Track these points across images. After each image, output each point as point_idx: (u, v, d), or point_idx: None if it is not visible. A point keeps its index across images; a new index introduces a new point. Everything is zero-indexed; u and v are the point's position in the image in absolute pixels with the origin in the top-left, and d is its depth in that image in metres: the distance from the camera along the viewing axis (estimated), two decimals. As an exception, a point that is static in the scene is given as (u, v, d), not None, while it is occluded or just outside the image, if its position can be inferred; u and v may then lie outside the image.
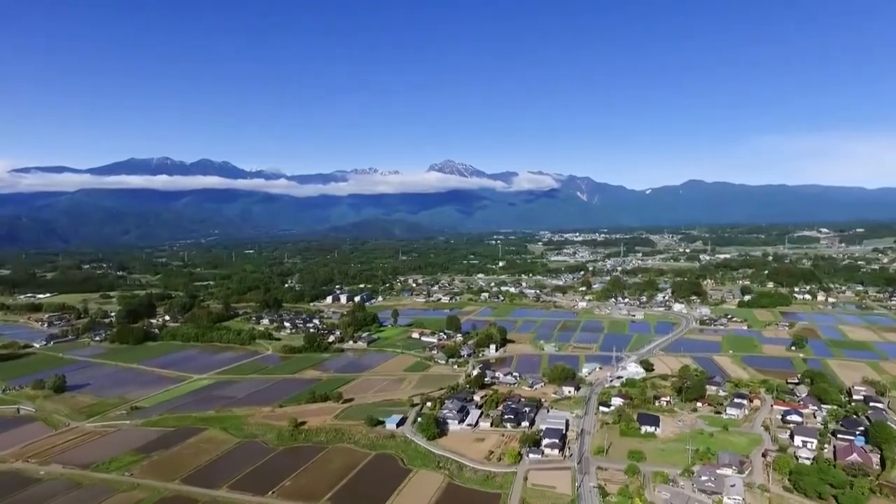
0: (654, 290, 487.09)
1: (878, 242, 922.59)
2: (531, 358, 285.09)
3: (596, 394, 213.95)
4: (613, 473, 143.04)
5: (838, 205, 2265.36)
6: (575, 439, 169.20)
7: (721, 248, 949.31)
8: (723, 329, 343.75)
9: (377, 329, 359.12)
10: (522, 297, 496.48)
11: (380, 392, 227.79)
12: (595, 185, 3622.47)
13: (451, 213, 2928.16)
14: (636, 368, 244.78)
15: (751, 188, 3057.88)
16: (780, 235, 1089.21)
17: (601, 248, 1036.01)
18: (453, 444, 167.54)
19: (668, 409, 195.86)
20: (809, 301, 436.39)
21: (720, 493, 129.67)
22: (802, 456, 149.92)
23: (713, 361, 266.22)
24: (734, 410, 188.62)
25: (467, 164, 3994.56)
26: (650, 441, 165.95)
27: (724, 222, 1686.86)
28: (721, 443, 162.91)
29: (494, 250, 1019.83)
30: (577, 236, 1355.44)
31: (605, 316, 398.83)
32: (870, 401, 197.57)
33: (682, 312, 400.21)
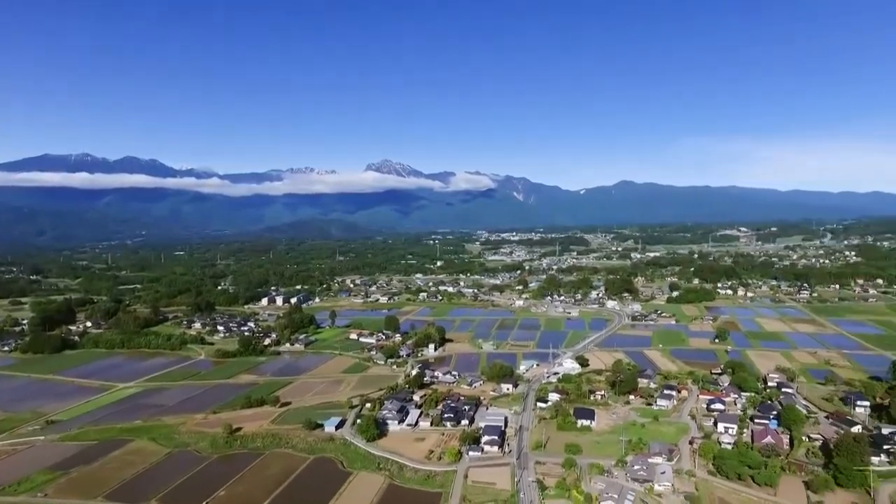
0: (588, 288, 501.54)
1: (789, 240, 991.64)
2: (470, 356, 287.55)
3: (534, 390, 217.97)
4: (551, 467, 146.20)
5: (755, 205, 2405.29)
6: (514, 435, 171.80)
7: (651, 247, 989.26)
8: (653, 324, 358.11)
9: (315, 331, 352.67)
10: (461, 297, 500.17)
11: (318, 395, 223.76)
12: (531, 186, 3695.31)
13: (389, 213, 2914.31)
14: (572, 364, 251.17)
15: (678, 189, 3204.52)
16: (705, 234, 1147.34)
17: (537, 247, 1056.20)
18: (393, 444, 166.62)
19: (602, 402, 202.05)
20: (731, 296, 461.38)
21: (651, 480, 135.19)
22: (724, 441, 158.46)
23: (644, 355, 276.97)
24: (664, 401, 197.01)
25: (405, 164, 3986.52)
26: (586, 434, 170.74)
27: (653, 222, 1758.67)
28: (652, 433, 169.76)
29: (432, 250, 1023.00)
30: (514, 236, 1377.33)
31: (542, 314, 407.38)
32: (782, 387, 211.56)
33: (614, 309, 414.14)
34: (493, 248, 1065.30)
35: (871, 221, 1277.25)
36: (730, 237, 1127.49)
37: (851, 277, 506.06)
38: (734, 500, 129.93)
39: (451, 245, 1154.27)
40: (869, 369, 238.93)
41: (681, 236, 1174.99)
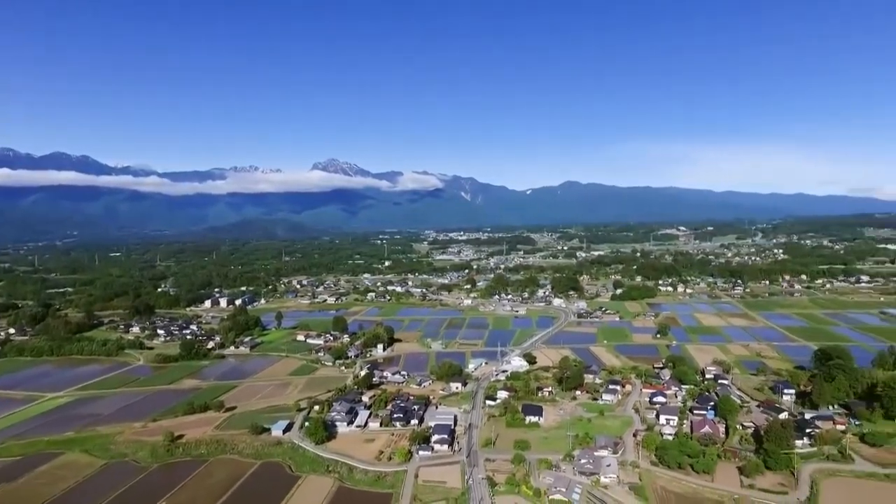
0: (535, 287, 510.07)
1: (724, 239, 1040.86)
2: (419, 356, 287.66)
3: (482, 388, 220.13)
4: (501, 464, 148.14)
5: (692, 206, 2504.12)
6: (463, 434, 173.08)
7: (595, 246, 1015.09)
8: (598, 321, 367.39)
9: (260, 333, 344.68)
10: (409, 296, 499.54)
11: (264, 398, 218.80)
12: (478, 186, 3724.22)
13: (336, 213, 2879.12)
14: (520, 362, 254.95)
15: (620, 189, 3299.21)
16: (646, 233, 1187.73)
17: (485, 246, 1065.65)
18: (343, 446, 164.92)
19: (550, 398, 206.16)
20: (671, 293, 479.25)
21: (598, 473, 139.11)
22: (666, 432, 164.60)
23: (590, 352, 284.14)
24: (609, 396, 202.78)
25: (352, 163, 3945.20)
26: (534, 430, 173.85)
27: (597, 221, 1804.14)
28: (598, 427, 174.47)
29: (380, 250, 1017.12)
30: (462, 235, 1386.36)
31: (490, 312, 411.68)
32: (718, 379, 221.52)
33: (561, 307, 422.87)
34: (441, 248, 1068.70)
35: (795, 221, 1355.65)
36: (670, 236, 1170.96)
37: (779, 274, 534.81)
38: (675, 487, 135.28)
39: (399, 245, 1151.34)
40: (795, 359, 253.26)
41: (624, 235, 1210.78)
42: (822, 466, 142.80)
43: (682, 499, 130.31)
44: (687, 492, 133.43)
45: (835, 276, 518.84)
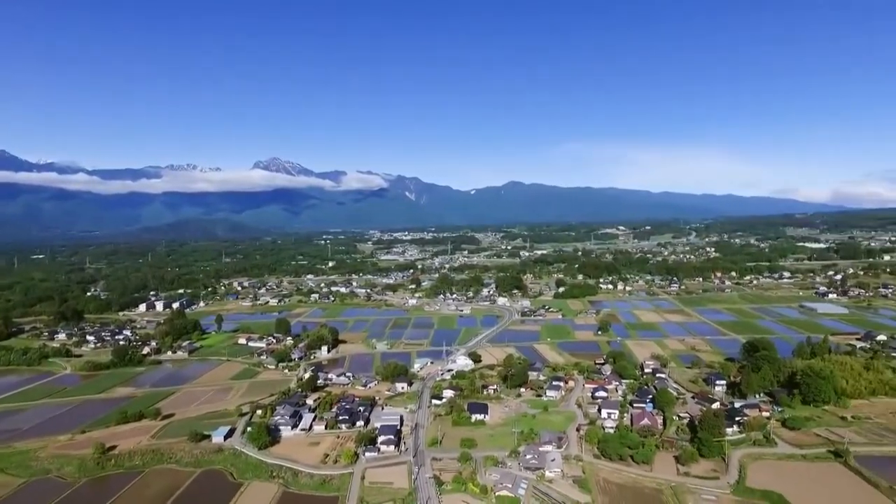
0: (479, 286, 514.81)
1: (661, 238, 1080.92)
2: (364, 357, 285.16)
3: (428, 388, 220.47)
4: (448, 462, 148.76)
5: (631, 206, 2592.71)
6: (410, 434, 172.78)
7: (538, 245, 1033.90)
8: (541, 319, 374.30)
9: (199, 336, 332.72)
10: (353, 297, 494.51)
11: (204, 404, 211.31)
12: (423, 186, 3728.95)
13: (278, 213, 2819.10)
14: (465, 361, 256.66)
15: (562, 190, 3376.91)
16: (588, 233, 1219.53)
17: (429, 246, 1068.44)
18: (287, 450, 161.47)
19: (495, 396, 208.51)
20: (611, 290, 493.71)
21: (543, 468, 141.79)
22: (607, 426, 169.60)
23: (534, 349, 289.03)
24: (553, 392, 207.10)
25: (294, 163, 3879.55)
26: (480, 428, 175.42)
27: (540, 221, 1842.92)
28: (542, 423, 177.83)
29: (324, 250, 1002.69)
30: (407, 235, 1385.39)
31: (435, 312, 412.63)
32: (657, 372, 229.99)
33: (505, 305, 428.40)
34: (386, 248, 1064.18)
35: (726, 221, 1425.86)
36: (610, 235, 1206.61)
37: (712, 271, 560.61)
38: (616, 479, 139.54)
39: (343, 245, 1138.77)
40: (726, 352, 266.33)
41: (566, 235, 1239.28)
42: (749, 451, 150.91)
43: (623, 489, 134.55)
44: (627, 482, 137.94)
45: (760, 273, 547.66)
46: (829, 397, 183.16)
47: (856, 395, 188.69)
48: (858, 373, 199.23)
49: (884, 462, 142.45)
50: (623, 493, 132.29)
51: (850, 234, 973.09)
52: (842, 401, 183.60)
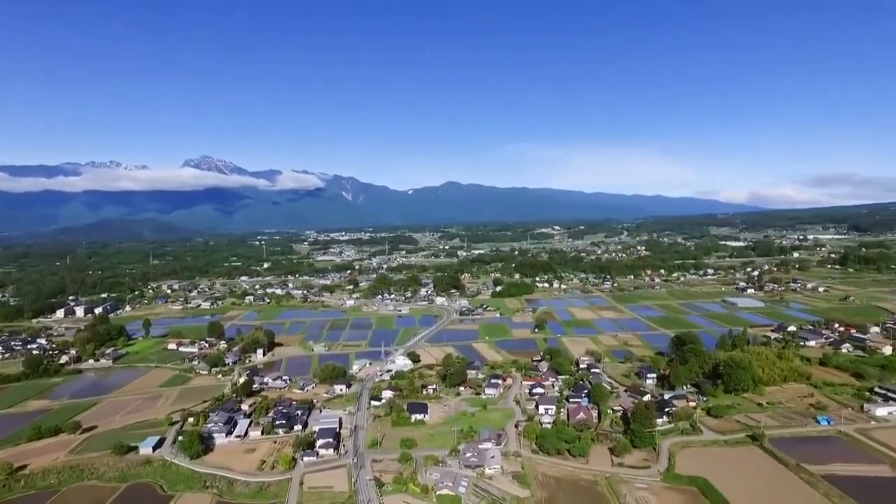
0: (417, 286, 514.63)
1: (594, 237, 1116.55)
2: (301, 359, 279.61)
3: (367, 389, 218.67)
4: (388, 464, 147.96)
5: (566, 206, 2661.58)
6: (349, 436, 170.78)
7: (476, 245, 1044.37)
8: (479, 318, 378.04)
9: (125, 343, 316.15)
10: (290, 299, 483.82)
11: (130, 414, 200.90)
12: (360, 185, 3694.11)
13: (210, 213, 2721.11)
14: (404, 361, 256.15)
15: (499, 190, 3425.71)
16: (524, 232, 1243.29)
17: (367, 246, 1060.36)
18: (221, 459, 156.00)
19: (434, 395, 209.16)
20: (547, 289, 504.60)
21: (483, 465, 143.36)
22: (545, 421, 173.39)
23: (472, 348, 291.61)
24: (491, 390, 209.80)
25: (227, 161, 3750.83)
26: (420, 428, 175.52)
27: (478, 221, 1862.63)
28: (482, 420, 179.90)
29: (259, 251, 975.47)
30: (344, 235, 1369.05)
31: (373, 312, 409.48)
32: (591, 368, 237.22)
33: (443, 305, 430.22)
34: (323, 249, 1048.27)
35: (655, 220, 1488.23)
36: (545, 235, 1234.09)
37: (642, 269, 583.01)
38: (554, 472, 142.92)
39: (279, 246, 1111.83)
40: (656, 346, 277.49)
41: (503, 234, 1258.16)
42: (677, 440, 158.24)
43: (561, 482, 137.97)
44: (565, 475, 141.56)
45: (687, 270, 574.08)
46: (747, 386, 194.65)
47: (770, 383, 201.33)
48: (772, 362, 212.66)
49: (793, 442, 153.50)
50: (560, 486, 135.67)
51: (765, 233, 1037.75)
52: (758, 388, 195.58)
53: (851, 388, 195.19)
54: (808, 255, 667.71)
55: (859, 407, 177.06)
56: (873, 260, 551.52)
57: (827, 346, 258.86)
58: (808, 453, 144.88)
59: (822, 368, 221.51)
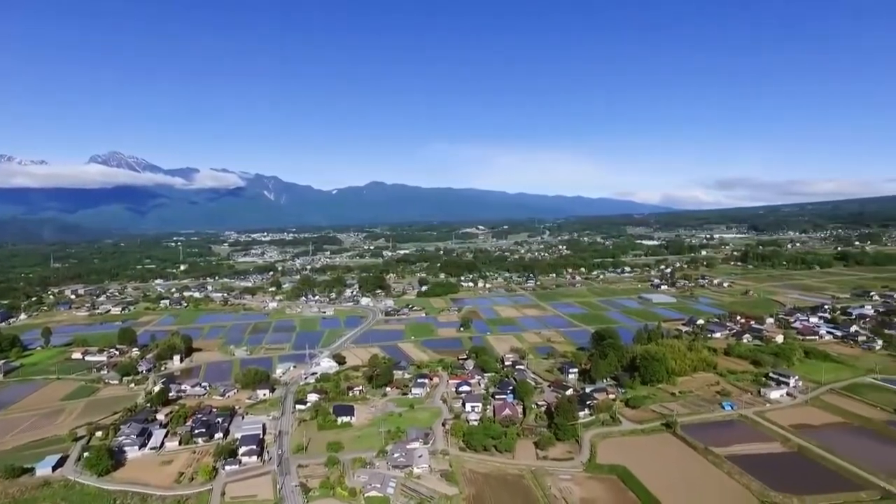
0: (342, 287, 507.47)
1: (518, 237, 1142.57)
2: (221, 365, 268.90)
3: (292, 393, 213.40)
4: (314, 468, 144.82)
5: (490, 206, 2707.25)
6: (273, 442, 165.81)
7: (401, 245, 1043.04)
8: (405, 318, 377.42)
9: (20, 354, 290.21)
10: (209, 302, 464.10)
11: (26, 432, 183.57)
12: (283, 185, 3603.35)
13: (120, 213, 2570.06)
14: (329, 363, 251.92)
15: (424, 190, 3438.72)
16: (449, 232, 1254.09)
17: (290, 247, 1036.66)
18: (134, 473, 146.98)
19: (361, 397, 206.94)
20: (472, 288, 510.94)
21: (411, 465, 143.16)
22: (472, 419, 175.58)
23: (398, 348, 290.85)
24: (418, 390, 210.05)
25: (139, 158, 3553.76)
26: (347, 430, 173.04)
27: (403, 221, 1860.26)
28: (409, 420, 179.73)
29: (175, 253, 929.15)
30: (266, 236, 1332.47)
31: (297, 314, 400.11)
32: (516, 365, 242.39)
33: (369, 305, 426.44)
34: (244, 250, 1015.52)
35: (576, 220, 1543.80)
36: (470, 234, 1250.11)
37: (564, 267, 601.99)
38: (481, 469, 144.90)
39: (197, 247, 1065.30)
40: (577, 342, 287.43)
41: (428, 234, 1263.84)
42: (598, 431, 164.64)
43: (488, 478, 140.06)
44: (492, 471, 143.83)
45: (606, 269, 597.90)
46: (662, 377, 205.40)
47: (682, 373, 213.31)
48: (683, 353, 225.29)
49: (701, 427, 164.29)
50: (488, 482, 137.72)
51: (676, 232, 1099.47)
52: (671, 379, 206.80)
53: (751, 375, 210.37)
54: (715, 253, 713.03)
55: (757, 392, 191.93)
56: (769, 257, 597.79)
57: (730, 337, 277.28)
58: (715, 436, 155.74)
59: (727, 358, 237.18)
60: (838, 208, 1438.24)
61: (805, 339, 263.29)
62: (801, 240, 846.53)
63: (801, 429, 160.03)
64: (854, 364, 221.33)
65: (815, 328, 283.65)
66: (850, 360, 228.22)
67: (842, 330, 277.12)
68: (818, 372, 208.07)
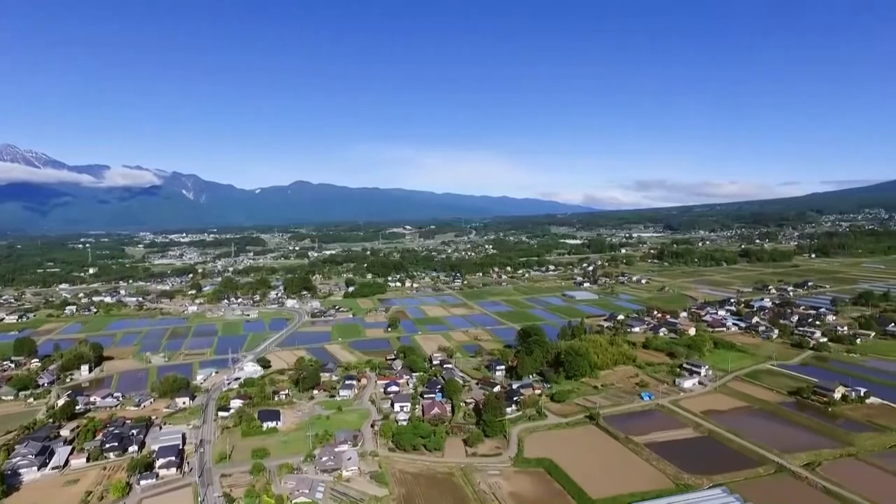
0: (267, 288, 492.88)
1: (445, 237, 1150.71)
2: (136, 373, 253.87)
3: (214, 400, 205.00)
4: (238, 477, 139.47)
5: (417, 206, 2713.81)
6: (194, 452, 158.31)
7: (327, 245, 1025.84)
8: (332, 319, 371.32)
9: None
10: (122, 307, 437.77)
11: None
12: (203, 184, 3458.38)
13: (17, 212, 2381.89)
14: (254, 367, 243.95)
15: (351, 190, 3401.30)
16: (376, 232, 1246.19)
17: (211, 248, 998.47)
18: (33, 497, 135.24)
19: (287, 401, 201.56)
20: (400, 288, 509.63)
21: (340, 468, 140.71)
22: (400, 419, 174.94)
23: (325, 350, 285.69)
24: (346, 391, 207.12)
25: (39, 153, 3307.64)
26: (273, 436, 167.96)
27: (329, 221, 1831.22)
28: (337, 423, 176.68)
29: (82, 255, 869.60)
30: (185, 237, 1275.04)
31: (219, 318, 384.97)
32: (444, 364, 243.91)
33: (294, 307, 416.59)
34: (161, 251, 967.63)
35: (502, 220, 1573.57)
36: (397, 234, 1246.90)
37: (490, 266, 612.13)
38: (411, 468, 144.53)
39: (108, 249, 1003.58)
40: (504, 339, 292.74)
41: (355, 234, 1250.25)
42: (525, 426, 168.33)
43: (418, 477, 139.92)
44: (422, 470, 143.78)
45: (531, 267, 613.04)
46: (585, 371, 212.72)
47: (604, 367, 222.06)
48: (605, 348, 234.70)
49: (622, 418, 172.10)
50: (418, 481, 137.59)
51: (598, 231, 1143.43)
52: (594, 373, 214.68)
53: (667, 366, 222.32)
54: (633, 251, 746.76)
55: (672, 382, 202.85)
56: (682, 255, 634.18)
57: (648, 331, 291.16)
58: (634, 426, 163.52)
59: (645, 351, 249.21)
60: (742, 209, 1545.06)
61: (714, 331, 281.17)
62: (710, 238, 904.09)
63: (711, 414, 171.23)
64: (755, 352, 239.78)
65: (723, 320, 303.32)
66: (752, 348, 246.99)
67: (745, 321, 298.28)
68: (725, 361, 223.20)
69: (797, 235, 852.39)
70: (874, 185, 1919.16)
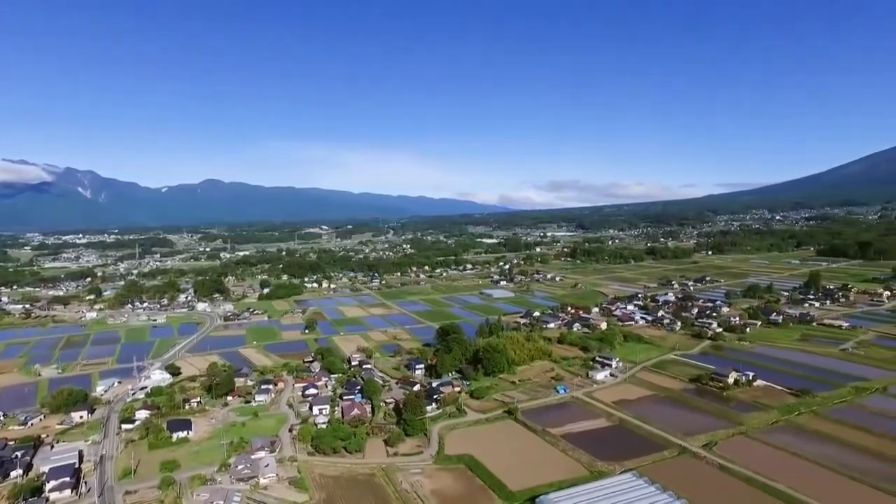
0: (175, 292, 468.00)
1: (362, 236, 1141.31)
2: (22, 388, 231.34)
3: (116, 412, 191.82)
4: (145, 493, 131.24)
5: (334, 205, 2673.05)
6: (94, 470, 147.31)
7: (240, 246, 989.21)
8: (246, 322, 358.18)
9: None
10: (4, 315, 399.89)
11: None
12: (101, 181, 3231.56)
13: None
14: (162, 375, 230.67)
15: (265, 189, 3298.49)
16: (291, 232, 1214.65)
17: (112, 250, 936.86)
18: None
19: (199, 409, 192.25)
20: (317, 288, 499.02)
21: (257, 476, 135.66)
22: (320, 422, 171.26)
23: (240, 354, 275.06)
24: (262, 396, 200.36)
25: None
26: (184, 446, 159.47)
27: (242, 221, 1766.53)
28: (253, 429, 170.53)
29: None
30: (82, 238, 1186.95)
31: (122, 324, 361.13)
32: (363, 364, 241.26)
33: (206, 311, 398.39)
34: (53, 254, 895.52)
35: (419, 220, 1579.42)
36: (313, 234, 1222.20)
37: (408, 266, 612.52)
38: (331, 472, 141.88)
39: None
40: (423, 338, 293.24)
41: (269, 234, 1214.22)
42: (446, 423, 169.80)
43: (339, 480, 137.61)
44: (343, 473, 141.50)
45: (449, 266, 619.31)
46: (503, 367, 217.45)
47: (521, 363, 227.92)
48: (522, 344, 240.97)
49: (540, 411, 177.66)
50: (339, 484, 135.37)
51: (513, 230, 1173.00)
52: (511, 368, 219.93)
53: (580, 360, 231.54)
54: (548, 249, 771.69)
55: (585, 374, 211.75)
56: (594, 253, 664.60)
57: (563, 326, 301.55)
58: (551, 418, 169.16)
59: (560, 346, 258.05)
60: (648, 209, 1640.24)
61: (624, 325, 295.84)
62: (619, 237, 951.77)
63: (621, 404, 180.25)
64: (661, 344, 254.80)
65: (632, 315, 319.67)
66: (658, 340, 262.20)
67: (652, 315, 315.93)
68: (634, 353, 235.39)
69: (696, 234, 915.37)
70: (758, 189, 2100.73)
